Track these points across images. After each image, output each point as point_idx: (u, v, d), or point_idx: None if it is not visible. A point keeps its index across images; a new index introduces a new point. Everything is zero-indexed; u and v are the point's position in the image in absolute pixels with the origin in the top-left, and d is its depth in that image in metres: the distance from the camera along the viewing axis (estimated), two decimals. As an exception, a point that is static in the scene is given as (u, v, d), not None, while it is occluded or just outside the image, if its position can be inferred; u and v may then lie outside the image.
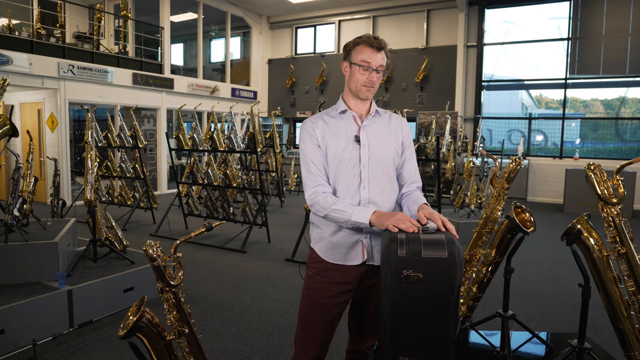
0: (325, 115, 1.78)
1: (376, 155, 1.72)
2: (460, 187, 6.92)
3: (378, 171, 1.72)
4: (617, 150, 9.68)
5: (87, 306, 3.25)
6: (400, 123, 1.83)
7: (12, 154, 3.64)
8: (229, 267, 4.79)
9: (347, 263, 1.72)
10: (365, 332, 1.86)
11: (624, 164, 2.18)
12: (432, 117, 8.26)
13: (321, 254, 1.76)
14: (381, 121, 1.79)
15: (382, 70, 1.69)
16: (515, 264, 3.92)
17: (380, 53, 1.67)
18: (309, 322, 1.78)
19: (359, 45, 1.68)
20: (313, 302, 1.76)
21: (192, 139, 6.40)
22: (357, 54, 1.68)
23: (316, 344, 1.77)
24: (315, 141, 1.73)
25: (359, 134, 1.72)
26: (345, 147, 1.71)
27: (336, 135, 1.72)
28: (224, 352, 2.92)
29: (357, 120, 1.75)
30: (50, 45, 8.18)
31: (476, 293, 2.56)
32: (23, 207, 3.55)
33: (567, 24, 9.56)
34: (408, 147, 1.83)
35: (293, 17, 12.73)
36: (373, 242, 1.71)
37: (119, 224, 5.84)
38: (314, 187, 1.70)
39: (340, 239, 1.71)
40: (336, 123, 1.75)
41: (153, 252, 1.53)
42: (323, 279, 1.75)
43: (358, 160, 1.71)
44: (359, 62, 1.67)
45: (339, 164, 1.71)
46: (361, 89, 1.70)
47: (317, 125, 1.74)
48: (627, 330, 2.07)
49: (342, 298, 1.75)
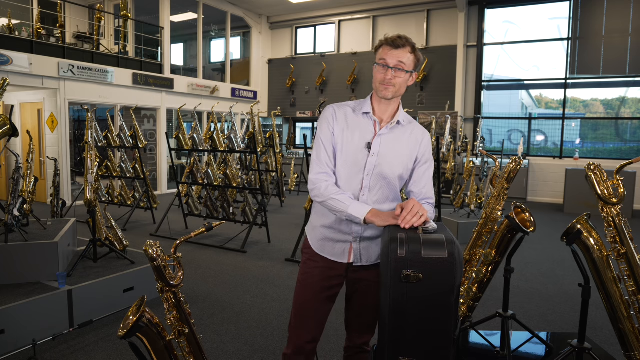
0: (349, 109, 1.77)
1: (382, 166, 1.70)
2: (460, 187, 6.92)
3: (380, 182, 1.72)
4: (617, 150, 9.68)
5: (87, 306, 3.25)
6: (423, 137, 1.77)
7: (12, 154, 3.63)
8: (229, 267, 4.79)
9: (333, 259, 1.77)
10: (359, 327, 1.89)
11: (624, 164, 2.18)
12: (432, 117, 8.27)
13: (312, 244, 1.82)
14: (400, 132, 1.74)
15: (402, 69, 1.64)
16: (515, 264, 3.92)
17: (399, 50, 1.63)
18: (302, 305, 1.82)
19: (381, 47, 1.69)
20: (306, 285, 1.81)
21: (192, 139, 6.40)
22: (378, 55, 1.69)
23: (309, 328, 1.82)
24: (331, 129, 1.73)
25: (372, 141, 1.71)
26: (355, 151, 1.70)
27: (352, 135, 1.72)
28: (224, 352, 2.92)
29: (377, 125, 1.73)
30: (50, 45, 8.18)
31: (476, 293, 2.56)
32: (23, 207, 3.55)
33: (567, 24, 9.56)
34: (424, 163, 1.77)
35: (293, 17, 12.73)
36: (362, 247, 1.75)
37: (119, 224, 5.84)
38: (318, 174, 1.71)
39: (331, 235, 1.76)
40: (357, 121, 1.73)
41: (153, 252, 1.53)
42: (315, 264, 1.81)
43: (363, 167, 1.70)
44: (377, 60, 1.69)
45: (345, 165, 1.72)
46: (378, 87, 1.69)
47: (338, 116, 1.74)
48: (627, 330, 2.07)
49: (332, 282, 1.80)
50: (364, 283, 1.80)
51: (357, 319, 1.87)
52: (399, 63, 1.63)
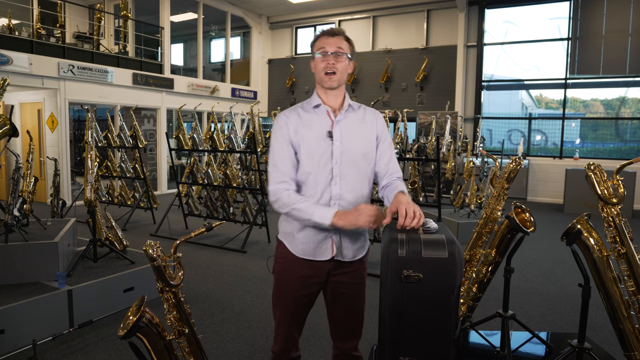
0: (299, 109, 1.78)
1: (348, 151, 1.71)
2: (460, 187, 6.92)
3: (350, 167, 1.72)
4: (617, 150, 9.68)
5: (87, 306, 3.25)
6: (375, 117, 1.82)
7: (12, 154, 3.63)
8: (229, 267, 4.79)
9: (316, 258, 1.73)
10: (343, 334, 1.85)
11: (624, 164, 2.18)
12: (432, 117, 8.26)
13: (290, 248, 1.77)
14: (355, 116, 1.78)
15: (342, 53, 1.69)
16: (515, 264, 3.91)
17: (335, 38, 1.69)
18: (281, 312, 1.82)
19: (317, 39, 1.73)
20: (282, 295, 1.80)
21: (192, 139, 6.40)
22: (315, 46, 1.73)
23: (291, 330, 1.83)
24: (287, 136, 1.72)
25: (331, 129, 1.72)
26: (317, 142, 1.70)
27: (309, 130, 1.72)
28: (224, 352, 2.92)
29: (331, 114, 1.74)
30: (50, 45, 8.18)
31: (476, 293, 2.56)
32: (23, 207, 3.55)
33: (567, 24, 9.56)
34: (384, 140, 1.81)
35: (293, 17, 12.73)
36: (342, 238, 1.72)
37: (119, 224, 5.84)
38: (277, 184, 1.70)
39: (310, 234, 1.72)
40: (310, 117, 1.74)
41: (153, 252, 1.53)
42: (291, 276, 1.77)
43: (330, 156, 1.70)
44: (315, 51, 1.72)
45: (311, 159, 1.70)
46: (323, 78, 1.71)
47: (291, 120, 1.74)
48: (627, 330, 2.07)
49: (311, 289, 1.78)
50: (346, 286, 1.78)
51: (343, 324, 1.84)
52: (337, 49, 1.69)
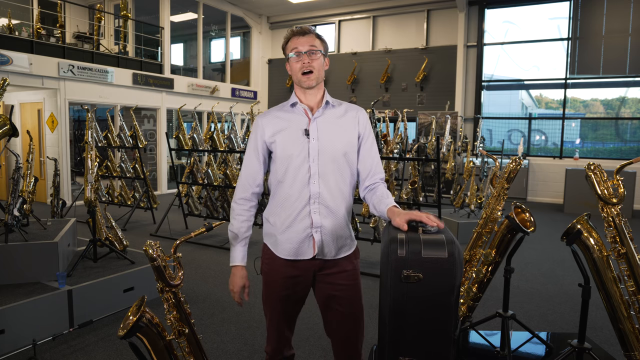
0: (276, 111, 1.78)
1: (326, 148, 1.69)
2: (460, 187, 6.92)
3: (328, 165, 1.69)
4: (617, 150, 9.68)
5: (87, 306, 3.25)
6: (357, 114, 1.77)
7: (12, 154, 3.64)
8: (229, 267, 4.78)
9: (299, 258, 1.72)
10: (345, 351, 1.80)
11: (624, 164, 2.18)
12: (432, 117, 8.26)
13: (272, 249, 1.77)
14: (334, 112, 1.74)
15: (316, 51, 1.67)
16: (515, 264, 3.90)
17: (306, 37, 1.68)
18: (270, 312, 1.82)
19: (289, 40, 1.71)
20: (269, 295, 1.80)
21: (192, 139, 6.40)
22: (288, 48, 1.71)
23: (282, 329, 1.83)
24: (257, 145, 1.75)
25: (308, 127, 1.70)
26: (294, 141, 1.69)
27: (286, 130, 1.71)
28: (224, 352, 2.92)
29: (308, 112, 1.73)
30: (50, 45, 8.18)
31: (476, 293, 2.56)
32: (23, 207, 3.55)
33: (567, 24, 9.56)
34: (367, 138, 1.77)
35: (293, 17, 12.73)
36: (324, 237, 1.70)
37: (119, 224, 5.84)
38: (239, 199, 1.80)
39: (291, 234, 1.71)
40: (287, 117, 1.74)
41: (153, 252, 1.53)
42: (277, 276, 1.76)
43: (307, 155, 1.68)
44: (289, 52, 1.70)
45: (288, 158, 1.69)
46: (301, 78, 1.70)
47: (267, 122, 1.75)
48: (627, 330, 2.07)
49: (297, 289, 1.77)
50: (337, 287, 1.74)
51: (342, 343, 1.80)
52: (311, 47, 1.67)
